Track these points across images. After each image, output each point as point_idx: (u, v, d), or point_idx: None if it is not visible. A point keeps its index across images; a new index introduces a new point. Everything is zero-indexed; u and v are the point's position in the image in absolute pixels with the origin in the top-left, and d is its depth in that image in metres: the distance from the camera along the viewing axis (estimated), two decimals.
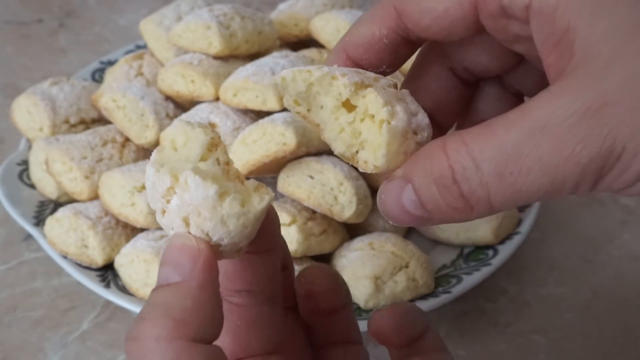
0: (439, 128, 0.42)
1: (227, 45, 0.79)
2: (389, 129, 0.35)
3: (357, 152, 0.37)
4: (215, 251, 0.36)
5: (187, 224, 0.36)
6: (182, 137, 0.37)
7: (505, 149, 0.32)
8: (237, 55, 0.82)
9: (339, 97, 0.37)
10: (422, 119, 0.38)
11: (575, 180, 0.32)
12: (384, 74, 0.40)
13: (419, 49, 0.42)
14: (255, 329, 0.40)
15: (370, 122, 0.36)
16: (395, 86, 0.39)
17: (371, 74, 0.39)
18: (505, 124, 0.32)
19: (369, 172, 0.37)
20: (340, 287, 0.45)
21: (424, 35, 0.38)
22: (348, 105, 0.37)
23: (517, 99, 0.43)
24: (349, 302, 0.46)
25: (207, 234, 0.36)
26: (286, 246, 0.44)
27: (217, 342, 0.35)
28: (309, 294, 0.44)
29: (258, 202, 0.36)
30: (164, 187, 0.36)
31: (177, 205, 0.36)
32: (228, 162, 0.37)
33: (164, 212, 0.37)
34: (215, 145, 0.37)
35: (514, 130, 0.32)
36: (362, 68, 0.40)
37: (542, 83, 0.36)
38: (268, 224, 0.39)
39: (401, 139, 0.36)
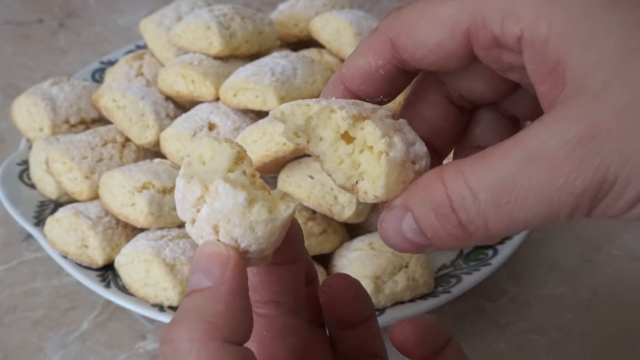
0: (436, 155, 0.43)
1: (227, 45, 0.79)
2: (387, 160, 0.37)
3: (356, 182, 0.38)
4: (244, 257, 0.38)
5: (217, 232, 0.38)
6: (210, 151, 0.39)
7: (500, 178, 0.33)
8: (237, 56, 0.82)
9: (337, 129, 0.38)
10: (420, 148, 0.39)
11: (570, 209, 0.33)
12: (381, 103, 0.41)
13: (415, 78, 0.42)
14: (281, 339, 0.41)
15: (369, 153, 0.37)
16: (393, 116, 0.40)
17: (369, 105, 0.39)
18: (501, 154, 0.33)
19: (368, 202, 0.38)
20: (363, 296, 0.46)
21: (419, 66, 0.39)
22: (347, 137, 0.38)
23: (513, 123, 0.43)
24: (373, 314, 0.46)
25: (236, 241, 0.38)
26: (310, 260, 0.45)
27: None
28: (332, 303, 0.45)
29: (284, 209, 0.38)
30: (195, 197, 0.37)
31: (207, 214, 0.37)
32: (254, 175, 0.39)
33: (193, 221, 0.38)
34: (241, 158, 0.39)
35: (509, 160, 0.33)
36: (360, 99, 0.40)
37: (537, 108, 0.37)
38: (292, 235, 0.40)
39: (400, 168, 0.37)
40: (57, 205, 0.78)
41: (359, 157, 0.38)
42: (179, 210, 0.39)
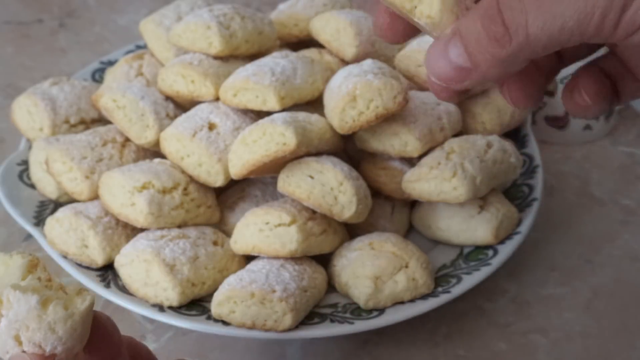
0: None
1: (227, 45, 0.79)
2: None
3: (415, 7, 0.43)
4: None
5: (20, 343, 0.39)
6: (2, 266, 0.41)
7: None
8: (237, 56, 0.82)
9: None
10: None
11: (602, 13, 0.37)
12: None
13: None
14: None
15: None
16: None
17: None
18: None
19: (422, 23, 0.43)
20: None
21: None
22: None
23: None
24: None
25: (40, 346, 0.38)
26: (135, 342, 0.45)
27: None
28: None
29: (81, 302, 0.39)
30: None
31: (6, 326, 0.38)
32: (50, 279, 0.41)
33: None
34: (34, 265, 0.41)
35: None
36: None
37: None
38: (102, 329, 0.41)
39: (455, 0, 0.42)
40: (57, 205, 0.78)
41: None
42: None
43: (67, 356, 0.39)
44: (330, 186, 0.69)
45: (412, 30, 0.45)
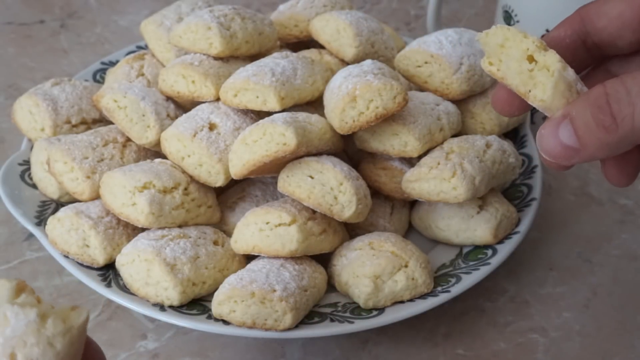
0: None
1: (228, 46, 0.79)
2: (559, 74, 0.47)
3: (529, 90, 0.49)
4: None
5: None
6: None
7: None
8: (238, 56, 0.82)
9: (526, 50, 0.49)
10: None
11: None
12: None
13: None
14: None
15: (546, 72, 0.48)
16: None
17: None
18: None
19: (534, 105, 0.48)
20: None
21: (598, 39, 0.50)
22: (530, 59, 0.49)
23: None
24: None
25: None
26: None
27: None
28: None
29: (77, 316, 0.40)
30: None
31: (1, 345, 0.38)
32: (39, 300, 0.41)
33: None
34: (22, 289, 0.41)
35: None
36: None
37: None
38: (92, 354, 0.42)
39: (567, 85, 0.47)
40: (58, 205, 0.78)
41: (537, 74, 0.48)
42: None
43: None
44: (330, 186, 0.69)
45: (527, 106, 0.50)
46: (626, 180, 0.49)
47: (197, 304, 0.70)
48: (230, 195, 0.79)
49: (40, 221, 0.75)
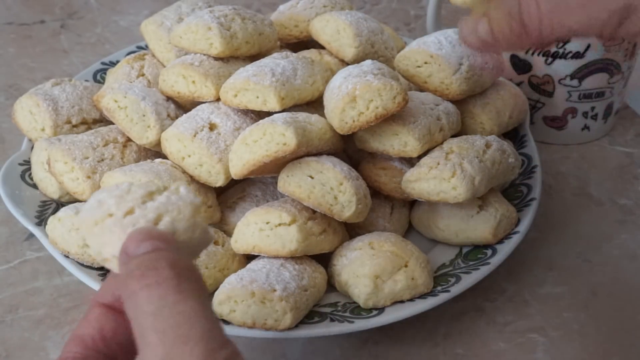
0: None
1: (228, 46, 0.79)
2: None
3: None
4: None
5: (156, 223, 0.43)
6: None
7: None
8: (238, 56, 0.82)
9: None
10: None
11: (603, 22, 0.47)
12: None
13: None
14: None
15: None
16: None
17: None
18: None
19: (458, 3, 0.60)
20: None
21: None
22: None
23: None
24: None
25: (175, 232, 0.42)
26: None
27: None
28: None
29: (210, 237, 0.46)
30: (146, 192, 0.44)
31: (155, 206, 0.43)
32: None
33: (126, 214, 0.43)
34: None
35: None
36: None
37: None
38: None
39: None
40: (58, 205, 0.79)
41: None
42: (96, 207, 0.44)
43: (188, 255, 0.43)
44: (330, 186, 0.70)
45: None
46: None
47: None
48: (230, 195, 0.79)
49: (41, 221, 0.75)
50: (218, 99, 0.78)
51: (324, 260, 0.73)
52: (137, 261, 0.41)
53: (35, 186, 0.80)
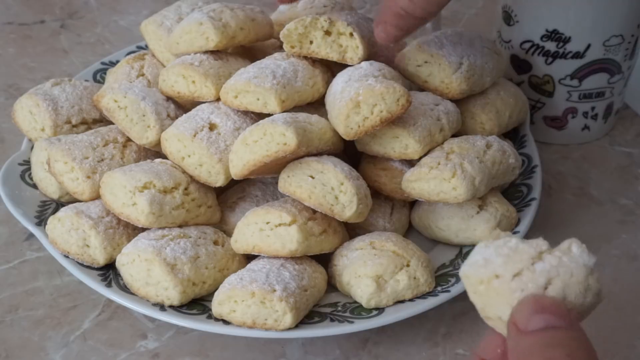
0: None
1: (224, 35, 0.79)
2: (357, 35, 0.74)
3: (343, 57, 0.76)
4: None
5: (545, 287, 0.41)
6: None
7: None
8: (236, 45, 0.82)
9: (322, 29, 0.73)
10: None
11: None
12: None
13: None
14: None
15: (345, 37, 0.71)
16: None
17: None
18: None
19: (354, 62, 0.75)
20: None
21: None
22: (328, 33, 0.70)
23: None
24: None
25: (565, 298, 0.41)
26: None
27: None
28: None
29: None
30: (535, 252, 0.43)
31: (546, 269, 0.42)
32: None
33: (517, 274, 0.42)
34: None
35: None
36: None
37: None
38: None
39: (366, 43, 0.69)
40: (58, 205, 0.79)
41: (339, 40, 0.75)
42: (499, 265, 0.43)
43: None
44: (330, 186, 0.69)
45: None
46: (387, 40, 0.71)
47: (197, 303, 0.70)
48: (230, 195, 0.79)
49: (41, 221, 0.75)
50: (218, 99, 0.78)
51: (324, 260, 0.73)
52: (529, 343, 0.40)
53: (35, 186, 0.80)
